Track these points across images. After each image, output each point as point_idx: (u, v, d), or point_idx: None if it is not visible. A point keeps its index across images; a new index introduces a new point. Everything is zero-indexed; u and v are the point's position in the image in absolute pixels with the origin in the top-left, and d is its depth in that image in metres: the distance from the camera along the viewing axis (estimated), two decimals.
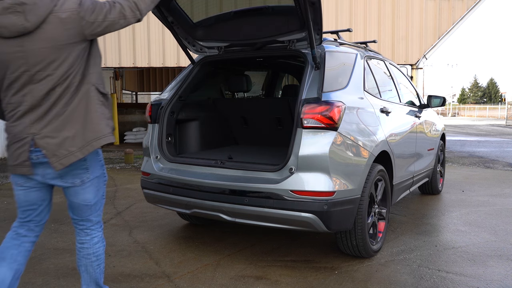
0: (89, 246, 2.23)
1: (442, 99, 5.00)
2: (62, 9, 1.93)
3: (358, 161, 3.09)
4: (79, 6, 1.96)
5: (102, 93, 2.12)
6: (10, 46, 1.91)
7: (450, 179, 6.87)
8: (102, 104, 2.11)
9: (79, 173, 2.11)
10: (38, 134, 1.98)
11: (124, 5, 2.05)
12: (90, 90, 2.06)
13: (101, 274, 2.29)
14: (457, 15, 9.32)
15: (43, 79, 1.95)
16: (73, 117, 2.01)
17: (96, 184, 2.20)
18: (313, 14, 2.91)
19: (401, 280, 2.94)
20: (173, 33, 3.54)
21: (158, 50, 9.62)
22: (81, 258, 2.24)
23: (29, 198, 2.16)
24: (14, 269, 2.16)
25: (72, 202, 2.19)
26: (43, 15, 1.90)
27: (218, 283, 2.91)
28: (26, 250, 2.22)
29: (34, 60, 1.92)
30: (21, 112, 1.99)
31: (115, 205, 5.14)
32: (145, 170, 3.60)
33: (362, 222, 3.12)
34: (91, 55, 2.08)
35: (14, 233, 2.22)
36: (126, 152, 8.87)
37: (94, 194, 2.20)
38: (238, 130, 4.64)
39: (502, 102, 48.88)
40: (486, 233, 4.00)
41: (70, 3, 1.96)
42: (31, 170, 2.04)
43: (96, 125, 2.06)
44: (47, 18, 1.90)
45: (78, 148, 2.02)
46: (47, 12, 1.90)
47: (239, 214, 3.06)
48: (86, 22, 1.97)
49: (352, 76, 3.36)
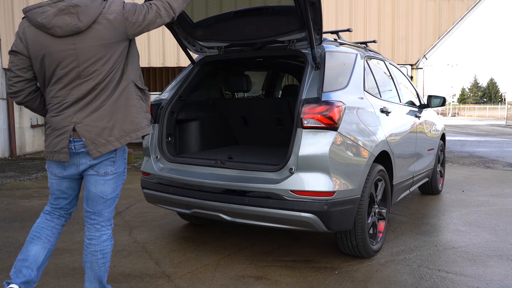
0: (97, 243, 2.27)
1: (442, 99, 5.00)
2: (109, 11, 2.12)
3: (358, 161, 3.09)
4: (123, 8, 2.15)
5: (140, 89, 2.29)
6: (63, 45, 2.07)
7: (450, 179, 6.87)
8: (140, 98, 2.28)
9: (107, 164, 2.23)
10: (80, 123, 2.13)
11: (159, 5, 2.24)
12: (129, 85, 2.22)
13: (105, 273, 2.32)
14: (457, 15, 9.32)
15: (90, 74, 2.11)
16: (113, 110, 2.16)
17: (116, 179, 2.30)
18: (313, 14, 2.91)
19: (401, 280, 2.94)
20: (173, 33, 3.54)
21: (158, 50, 9.62)
22: (87, 255, 2.28)
23: (61, 187, 2.33)
24: (47, 249, 2.34)
25: (90, 192, 2.26)
26: (94, 16, 2.08)
27: (218, 283, 2.91)
28: (58, 232, 2.41)
29: (84, 57, 2.09)
30: (67, 105, 2.14)
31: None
32: (145, 170, 3.60)
33: (362, 222, 3.12)
34: (130, 54, 2.26)
35: (49, 216, 2.39)
36: None
37: (112, 188, 2.29)
38: (238, 130, 4.64)
39: (502, 102, 48.89)
40: (486, 233, 4.00)
41: (115, 5, 2.15)
42: (68, 157, 2.16)
43: (135, 118, 2.22)
44: (97, 19, 2.08)
45: (116, 138, 2.17)
46: (97, 14, 2.09)
47: (239, 214, 3.06)
48: (129, 23, 2.16)
49: (352, 76, 3.36)
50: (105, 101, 2.15)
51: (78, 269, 3.12)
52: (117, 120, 2.17)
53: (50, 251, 2.36)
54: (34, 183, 6.72)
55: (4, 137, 9.95)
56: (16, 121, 10.19)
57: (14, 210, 4.82)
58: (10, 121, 10.02)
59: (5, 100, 9.96)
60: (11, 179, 6.99)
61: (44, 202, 5.27)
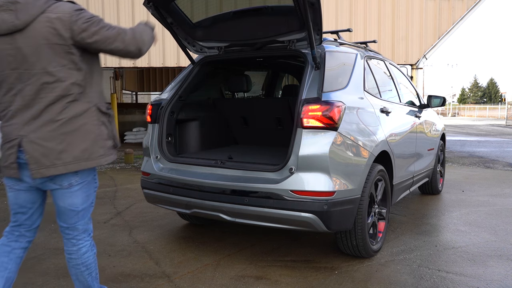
0: (77, 257, 2.15)
1: (442, 99, 5.00)
2: (55, 11, 1.95)
3: (358, 161, 3.09)
4: (75, 11, 1.97)
5: (103, 113, 2.11)
6: (1, 44, 1.94)
7: (450, 179, 6.87)
8: (102, 124, 2.10)
9: (68, 175, 2.03)
10: (26, 136, 1.95)
11: (128, 31, 2.06)
12: (91, 110, 2.05)
13: (93, 281, 2.22)
14: (457, 15, 9.32)
15: (31, 78, 1.95)
16: (67, 132, 1.98)
17: (85, 189, 2.11)
18: (312, 14, 2.91)
19: (401, 280, 2.94)
20: (173, 33, 3.54)
21: (158, 50, 9.61)
22: (71, 268, 2.17)
23: (18, 200, 2.11)
24: (5, 278, 2.09)
25: (59, 207, 2.10)
26: (34, 14, 1.92)
27: (218, 283, 2.91)
28: (17, 257, 2.15)
29: (23, 57, 1.93)
30: (12, 112, 1.99)
31: (115, 205, 5.14)
32: (145, 170, 3.60)
33: (362, 222, 3.12)
34: (92, 72, 2.09)
35: (6, 239, 2.16)
36: (126, 152, 8.88)
37: (82, 199, 2.11)
38: (238, 130, 4.64)
39: (502, 102, 48.87)
40: (486, 233, 4.00)
41: (66, 7, 1.98)
42: (17, 173, 2.00)
43: (90, 146, 2.03)
44: (37, 18, 1.92)
45: (64, 163, 1.97)
46: (39, 12, 1.92)
47: (239, 214, 3.06)
48: (77, 28, 1.96)
49: (352, 76, 3.36)
50: (56, 117, 1.96)
51: None
52: (70, 144, 1.97)
53: (10, 280, 2.10)
54: None
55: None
56: None
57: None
58: None
59: None
60: None
61: None
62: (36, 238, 3.82)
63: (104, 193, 5.84)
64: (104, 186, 6.36)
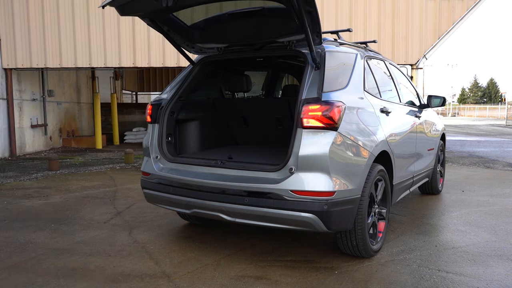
0: None
1: (442, 99, 5.00)
2: None
3: (358, 161, 3.09)
4: None
5: None
6: None
7: (450, 179, 6.87)
8: None
9: None
10: None
11: None
12: None
13: None
14: (457, 15, 9.32)
15: None
16: None
17: None
18: (310, 20, 2.93)
19: (401, 280, 2.94)
20: (170, 40, 3.57)
21: (158, 50, 9.62)
22: None
23: None
24: None
25: None
26: None
27: (218, 283, 2.91)
28: None
29: None
30: None
31: (115, 205, 5.14)
32: (145, 170, 3.60)
33: (362, 222, 3.12)
34: None
35: None
36: (126, 152, 8.88)
37: None
38: (238, 130, 4.64)
39: (502, 102, 48.88)
40: (486, 233, 4.00)
41: None
42: None
43: None
44: None
45: None
46: None
47: (239, 214, 3.06)
48: None
49: (352, 76, 3.36)
50: None
51: (78, 269, 3.12)
52: None
53: None
54: (34, 183, 6.72)
55: (4, 137, 9.94)
56: (16, 121, 10.20)
57: (14, 210, 4.82)
58: (10, 121, 10.02)
59: (5, 100, 9.96)
60: (11, 179, 6.98)
61: (44, 202, 5.27)
62: (36, 238, 3.84)
63: (104, 193, 5.84)
64: (104, 186, 6.37)
